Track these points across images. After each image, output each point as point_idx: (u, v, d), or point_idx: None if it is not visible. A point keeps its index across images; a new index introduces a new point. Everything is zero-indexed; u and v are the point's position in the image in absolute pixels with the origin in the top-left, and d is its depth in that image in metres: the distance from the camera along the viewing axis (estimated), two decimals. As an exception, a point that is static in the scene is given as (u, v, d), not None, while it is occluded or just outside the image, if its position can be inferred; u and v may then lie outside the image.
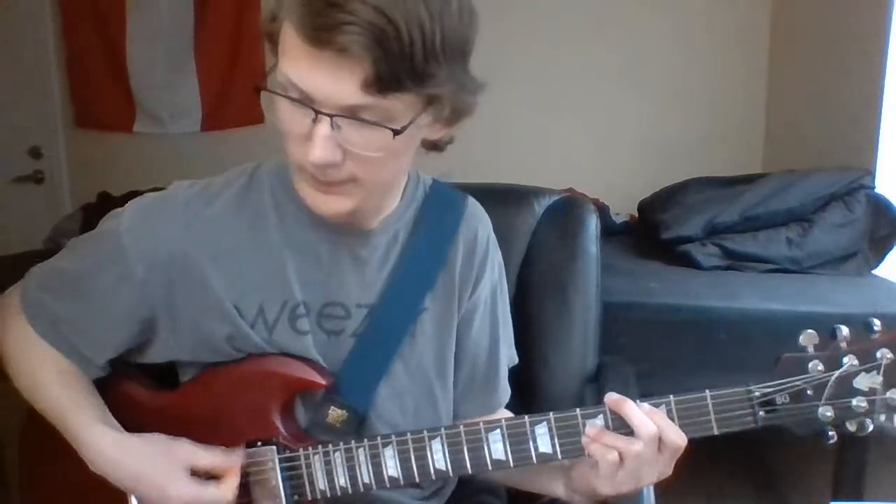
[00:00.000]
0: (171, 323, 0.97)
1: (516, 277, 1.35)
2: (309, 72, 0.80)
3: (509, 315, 1.14)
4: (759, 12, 2.86)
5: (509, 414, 1.10)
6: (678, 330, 1.79)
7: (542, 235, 1.38)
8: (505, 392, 1.12)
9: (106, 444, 0.94)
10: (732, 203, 2.15)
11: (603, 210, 2.52)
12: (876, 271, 2.06)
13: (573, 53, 2.90)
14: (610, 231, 2.37)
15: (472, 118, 0.92)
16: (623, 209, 2.65)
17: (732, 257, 2.09)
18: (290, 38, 0.81)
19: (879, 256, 2.06)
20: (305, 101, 0.82)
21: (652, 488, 1.09)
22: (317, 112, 0.82)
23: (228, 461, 0.94)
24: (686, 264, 2.11)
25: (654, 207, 2.37)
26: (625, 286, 1.87)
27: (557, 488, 0.99)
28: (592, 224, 1.40)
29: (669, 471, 0.89)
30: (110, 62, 3.13)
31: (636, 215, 2.58)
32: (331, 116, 0.81)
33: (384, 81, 0.79)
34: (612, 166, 2.93)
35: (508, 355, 1.13)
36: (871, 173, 2.09)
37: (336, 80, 0.80)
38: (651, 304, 1.88)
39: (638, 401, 0.88)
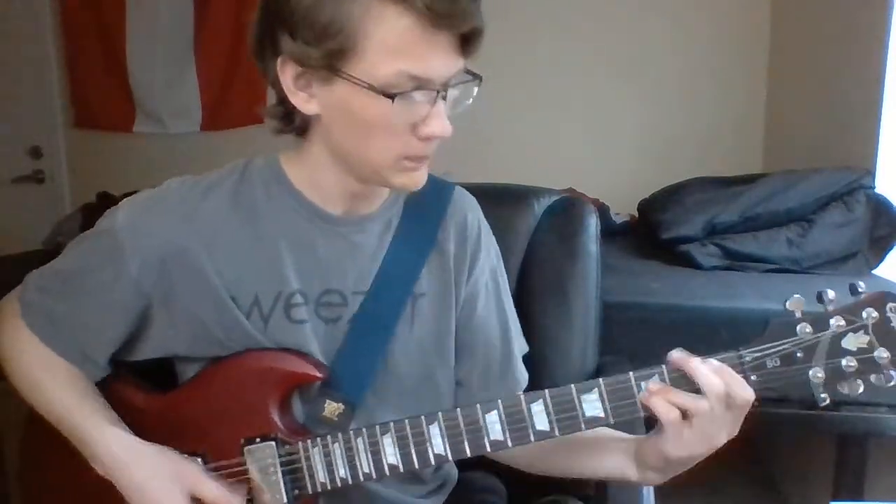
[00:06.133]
0: (167, 315, 0.98)
1: (516, 277, 1.34)
2: (431, 56, 0.84)
3: (512, 302, 1.13)
4: (759, 12, 2.86)
5: None
6: (678, 330, 1.78)
7: (542, 235, 1.38)
8: (523, 375, 1.12)
9: (118, 447, 0.94)
10: (732, 203, 2.14)
11: (603, 210, 2.51)
12: (876, 271, 2.05)
13: (573, 53, 2.90)
14: (610, 231, 2.37)
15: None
16: (623, 209, 2.65)
17: (732, 257, 2.08)
18: (401, 32, 0.82)
19: (879, 256, 2.05)
20: (426, 86, 0.85)
21: (652, 488, 1.09)
22: (438, 92, 0.86)
23: (230, 499, 0.93)
24: (686, 264, 2.10)
25: (654, 207, 2.36)
26: (625, 286, 1.86)
27: (628, 469, 0.94)
28: (592, 224, 1.40)
29: (736, 430, 0.86)
30: (110, 62, 3.14)
31: (636, 215, 2.58)
32: (446, 89, 0.86)
33: (480, 41, 0.86)
34: (612, 166, 2.93)
35: (519, 343, 1.13)
36: (871, 173, 2.09)
37: (451, 54, 0.85)
38: (651, 304, 1.87)
39: (704, 358, 0.86)
